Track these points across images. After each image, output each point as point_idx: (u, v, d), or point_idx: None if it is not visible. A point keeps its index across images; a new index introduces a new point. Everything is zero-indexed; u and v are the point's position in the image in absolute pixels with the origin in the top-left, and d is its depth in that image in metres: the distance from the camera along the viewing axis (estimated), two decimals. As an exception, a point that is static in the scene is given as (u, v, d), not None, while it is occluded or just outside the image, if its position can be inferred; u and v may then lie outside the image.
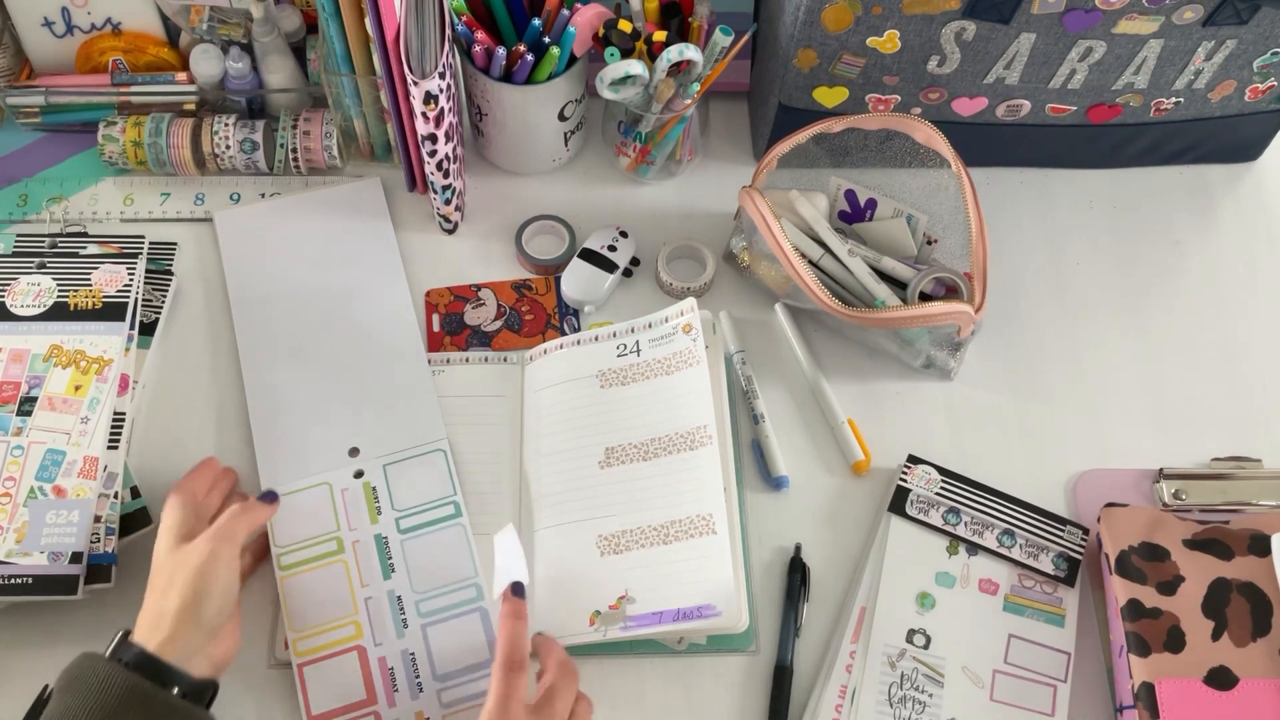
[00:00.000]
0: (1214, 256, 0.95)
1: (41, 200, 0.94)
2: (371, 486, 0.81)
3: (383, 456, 0.82)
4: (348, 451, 0.82)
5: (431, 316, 0.90)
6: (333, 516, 0.80)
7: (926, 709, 0.75)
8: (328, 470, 0.81)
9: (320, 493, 0.81)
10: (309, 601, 0.77)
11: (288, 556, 0.78)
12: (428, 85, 0.78)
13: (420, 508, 0.80)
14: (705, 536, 0.77)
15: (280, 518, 0.79)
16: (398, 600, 0.77)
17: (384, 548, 0.79)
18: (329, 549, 0.79)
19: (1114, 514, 0.78)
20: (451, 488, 0.81)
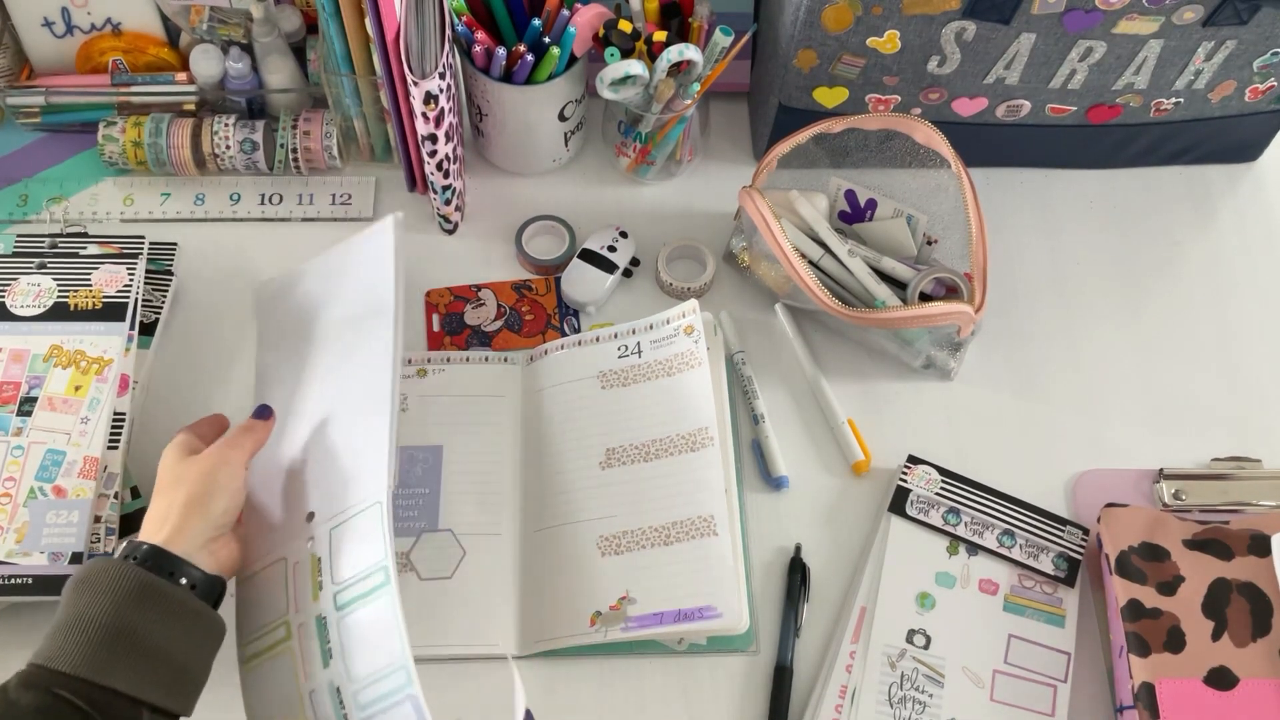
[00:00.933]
0: (1214, 257, 0.95)
1: (42, 200, 0.94)
2: (317, 558, 0.71)
3: (331, 519, 0.72)
4: (305, 516, 0.73)
5: (431, 316, 0.90)
6: (284, 596, 0.71)
7: (926, 709, 0.75)
8: (286, 541, 0.73)
9: (278, 570, 0.72)
10: (264, 699, 0.70)
11: (250, 646, 0.72)
12: (428, 85, 0.78)
13: (355, 578, 0.69)
14: (706, 538, 0.77)
15: (244, 603, 0.73)
16: (337, 693, 0.67)
17: (324, 630, 0.69)
18: (279, 636, 0.70)
19: (1114, 514, 0.78)
20: (383, 551, 0.68)
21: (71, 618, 0.61)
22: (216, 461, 0.70)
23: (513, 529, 0.81)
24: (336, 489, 0.73)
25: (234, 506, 0.70)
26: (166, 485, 0.69)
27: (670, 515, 0.78)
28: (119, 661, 0.60)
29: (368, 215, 0.94)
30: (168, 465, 0.71)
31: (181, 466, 0.70)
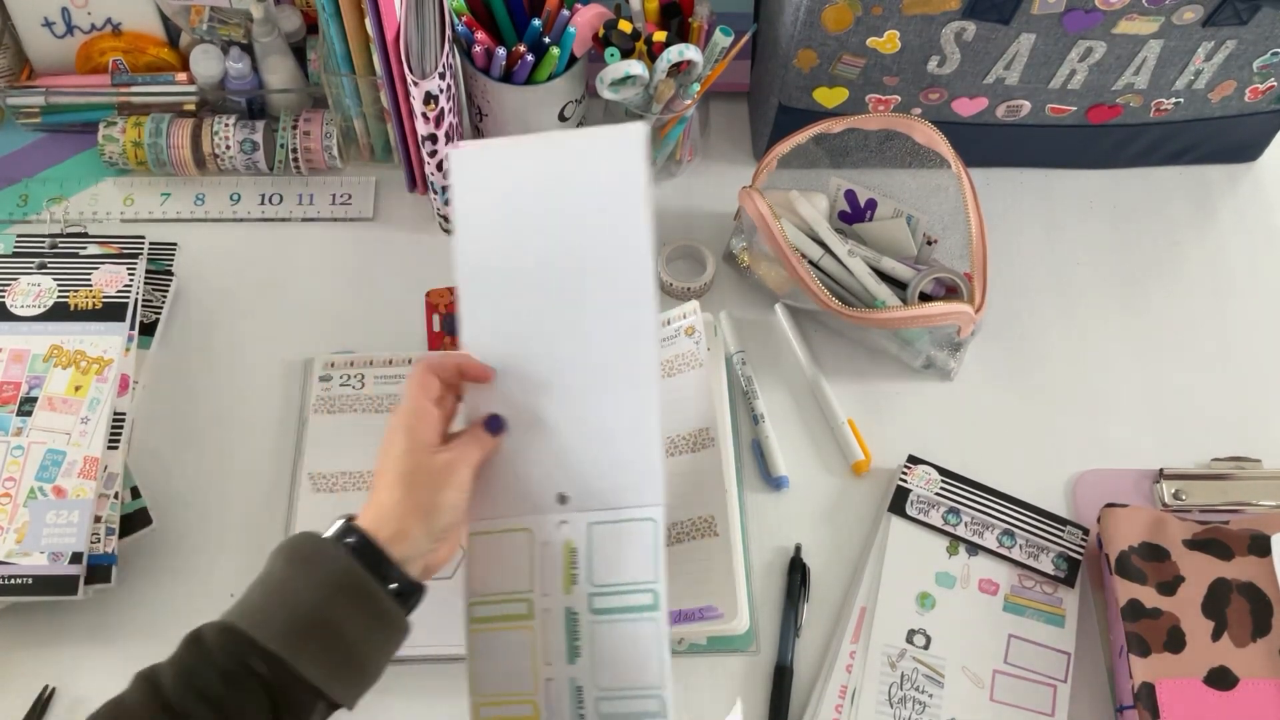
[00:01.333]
0: (1214, 257, 0.95)
1: (42, 200, 0.94)
2: (572, 547, 0.69)
3: (590, 513, 0.69)
4: (556, 497, 0.69)
5: (432, 316, 0.90)
6: (528, 573, 0.69)
7: (926, 709, 0.75)
8: (532, 513, 0.70)
9: (521, 540, 0.70)
10: (494, 666, 0.69)
11: (481, 608, 0.70)
12: (428, 85, 0.78)
13: (617, 588, 0.68)
14: (707, 538, 0.77)
15: (478, 559, 0.71)
16: (578, 691, 0.67)
17: (573, 626, 0.68)
18: (518, 611, 0.69)
19: (1114, 514, 0.78)
20: (654, 572, 0.67)
21: (281, 592, 0.60)
22: (445, 475, 0.65)
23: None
24: (598, 481, 0.69)
25: (456, 521, 0.66)
26: (393, 479, 0.65)
27: (671, 515, 0.78)
28: (316, 651, 0.59)
29: (368, 215, 0.94)
30: (396, 454, 0.65)
31: (411, 464, 0.65)
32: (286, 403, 0.86)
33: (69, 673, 0.76)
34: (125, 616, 0.78)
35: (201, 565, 0.80)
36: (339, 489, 0.82)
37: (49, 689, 0.75)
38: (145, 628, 0.78)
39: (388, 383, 0.85)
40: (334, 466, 0.82)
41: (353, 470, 0.82)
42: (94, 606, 0.77)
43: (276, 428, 0.85)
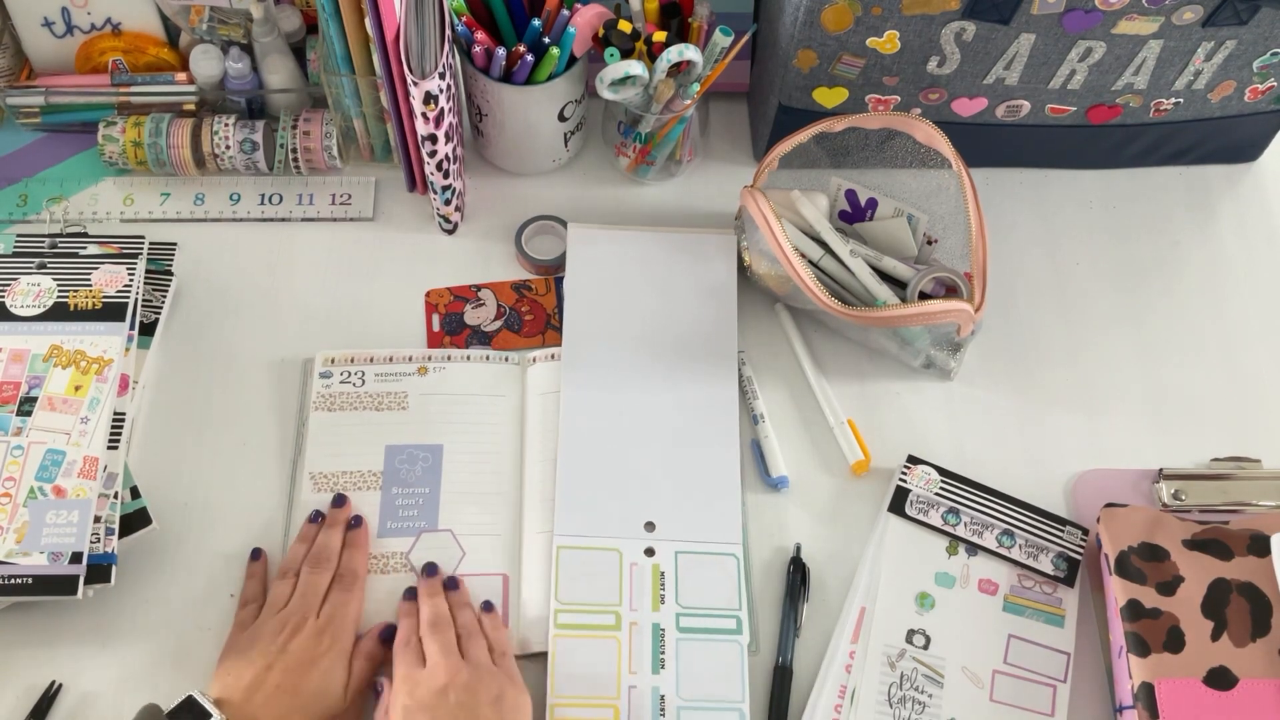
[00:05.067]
0: (1214, 256, 0.95)
1: (41, 200, 0.94)
2: (660, 570, 0.78)
3: (676, 542, 0.79)
4: (644, 525, 0.79)
5: (431, 316, 0.90)
6: (616, 588, 0.77)
7: (926, 709, 0.75)
8: (621, 537, 0.79)
9: (610, 559, 0.78)
10: (575, 671, 0.74)
11: (566, 615, 0.76)
12: (428, 85, 0.78)
13: (703, 610, 0.77)
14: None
15: (568, 570, 0.77)
16: (660, 699, 0.74)
17: (659, 639, 0.75)
18: (606, 622, 0.76)
19: (1114, 514, 0.78)
20: (738, 600, 0.77)
21: None
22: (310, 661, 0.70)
23: (513, 529, 0.81)
24: (684, 515, 0.79)
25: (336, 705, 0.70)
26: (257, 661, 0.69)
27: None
28: None
29: (368, 215, 0.94)
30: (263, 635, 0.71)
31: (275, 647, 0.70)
32: (286, 402, 0.86)
33: (69, 673, 0.76)
34: (125, 616, 0.78)
35: (201, 565, 0.80)
36: (339, 488, 0.82)
37: (56, 684, 0.75)
38: (145, 628, 0.78)
39: (388, 380, 0.85)
40: (334, 466, 0.82)
41: (353, 470, 0.82)
42: (94, 606, 0.77)
43: (276, 427, 0.85)
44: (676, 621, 0.76)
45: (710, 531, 0.79)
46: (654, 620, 0.76)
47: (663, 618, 0.76)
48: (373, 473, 0.82)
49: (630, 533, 0.79)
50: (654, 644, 0.75)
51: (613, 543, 0.78)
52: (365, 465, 0.82)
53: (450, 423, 0.84)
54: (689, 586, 0.77)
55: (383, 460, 0.83)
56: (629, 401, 0.83)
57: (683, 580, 0.77)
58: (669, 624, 0.76)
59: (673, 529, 0.79)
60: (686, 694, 0.74)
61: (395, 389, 0.85)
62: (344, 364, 0.86)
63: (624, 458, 0.81)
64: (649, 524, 0.79)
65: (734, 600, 0.77)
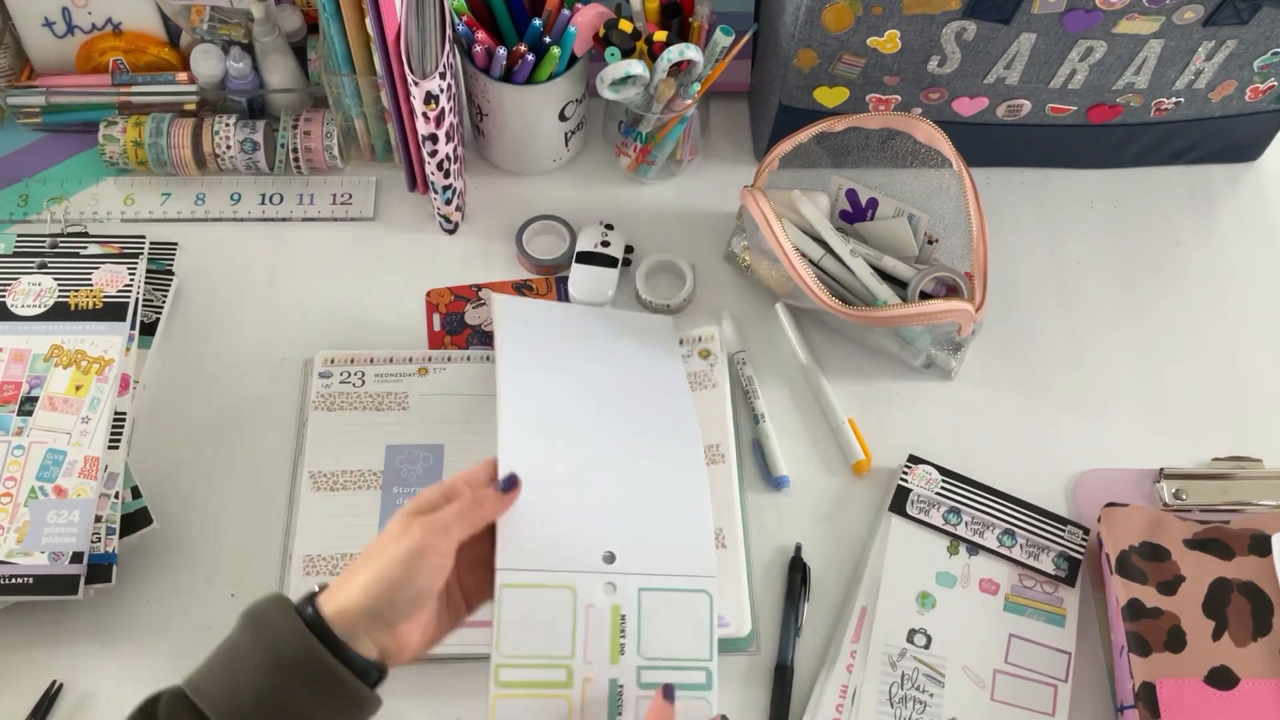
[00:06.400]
0: (1214, 256, 0.95)
1: (42, 200, 0.94)
2: (621, 613, 0.66)
3: (640, 576, 0.67)
4: (604, 555, 0.67)
5: (432, 316, 0.90)
6: (569, 638, 0.65)
7: (927, 709, 0.75)
8: (576, 571, 0.67)
9: (563, 599, 0.66)
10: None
11: (508, 672, 0.64)
12: (428, 85, 0.78)
13: (669, 663, 0.66)
14: (716, 549, 0.77)
15: (511, 614, 0.65)
16: None
17: (616, 699, 0.64)
18: (556, 678, 0.64)
19: (1114, 514, 0.78)
20: (708, 649, 0.66)
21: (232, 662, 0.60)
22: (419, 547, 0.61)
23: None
24: (649, 545, 0.68)
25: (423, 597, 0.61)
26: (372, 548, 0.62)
27: None
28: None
29: (368, 215, 0.94)
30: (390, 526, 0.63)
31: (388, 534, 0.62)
32: (287, 402, 0.86)
33: (69, 673, 0.76)
34: (126, 616, 0.78)
35: (202, 565, 0.80)
36: (339, 488, 0.81)
37: (56, 684, 0.75)
38: (146, 627, 0.78)
39: (388, 381, 0.85)
40: (334, 465, 0.82)
41: (353, 469, 0.82)
42: (94, 606, 0.77)
43: (277, 427, 0.85)
44: (638, 676, 0.65)
45: (678, 561, 0.69)
46: (611, 675, 0.65)
47: (622, 672, 0.65)
48: (373, 472, 0.82)
49: (587, 565, 0.67)
50: (610, 704, 0.64)
51: (567, 578, 0.66)
52: (365, 465, 0.82)
53: (451, 422, 0.84)
54: (654, 633, 0.66)
55: (383, 460, 0.83)
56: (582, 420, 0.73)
57: (646, 625, 0.66)
58: (629, 679, 0.65)
59: (636, 560, 0.68)
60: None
61: (395, 389, 0.85)
62: (344, 364, 0.86)
63: (582, 476, 0.70)
64: (609, 554, 0.68)
65: (704, 649, 0.66)
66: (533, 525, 0.67)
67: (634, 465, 0.71)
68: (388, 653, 0.61)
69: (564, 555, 0.67)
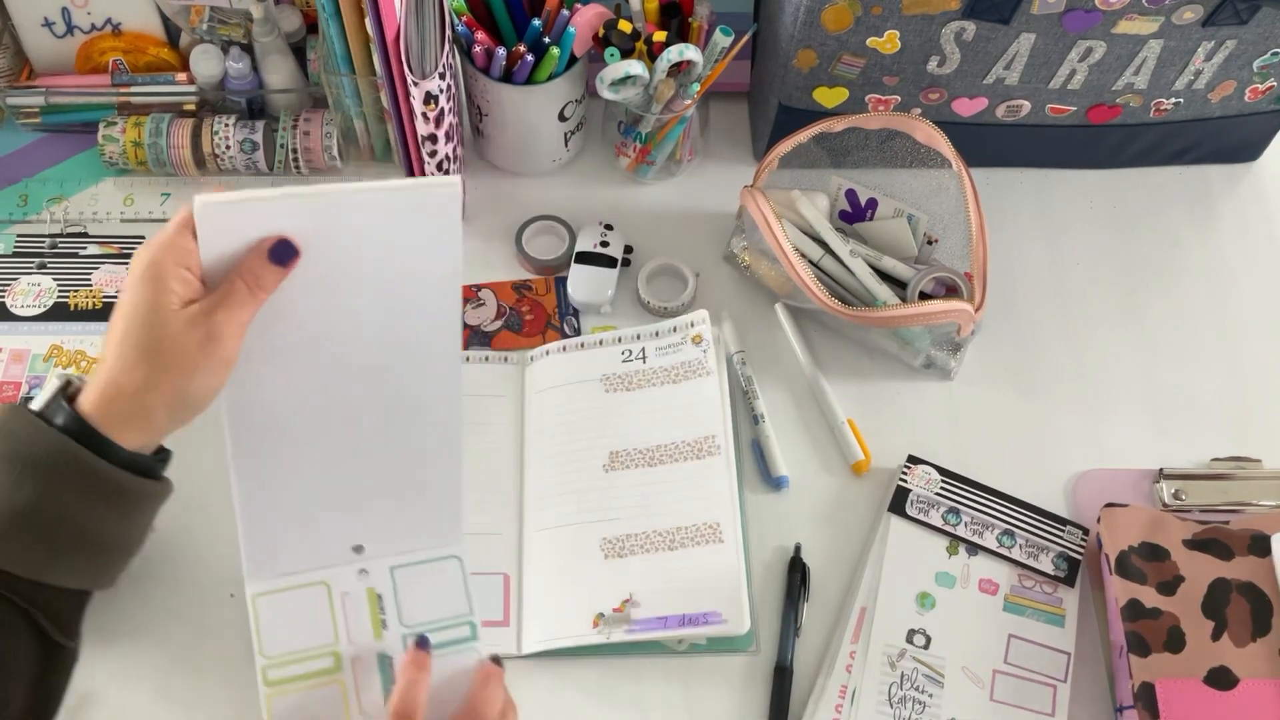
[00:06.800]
0: (1214, 256, 0.95)
1: (42, 200, 0.94)
2: (377, 594, 0.69)
3: (390, 557, 0.70)
4: (352, 548, 0.71)
5: (431, 317, 0.90)
6: (330, 626, 0.68)
7: (927, 709, 0.75)
8: (326, 566, 0.70)
9: (317, 594, 0.69)
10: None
11: (276, 671, 0.68)
12: (428, 85, 0.78)
13: (431, 625, 0.69)
14: (713, 544, 0.77)
15: (269, 620, 0.68)
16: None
17: (388, 670, 0.68)
18: (325, 666, 0.68)
19: (1114, 514, 0.78)
20: (466, 605, 0.70)
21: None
22: (204, 354, 0.56)
23: (513, 529, 0.81)
24: (395, 530, 0.70)
25: (217, 389, 0.57)
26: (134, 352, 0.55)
27: (676, 520, 0.78)
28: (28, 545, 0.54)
29: (368, 215, 0.94)
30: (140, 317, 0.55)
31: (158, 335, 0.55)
32: (287, 403, 0.86)
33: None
34: (125, 616, 0.78)
35: (202, 565, 0.80)
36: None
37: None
38: (145, 627, 0.78)
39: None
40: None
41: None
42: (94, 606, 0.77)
43: (277, 428, 0.85)
44: (404, 644, 0.68)
45: (426, 538, 0.71)
46: (379, 650, 0.67)
47: (388, 645, 0.68)
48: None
49: (337, 560, 0.69)
50: (383, 676, 0.67)
51: (319, 575, 0.68)
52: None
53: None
54: (411, 603, 0.69)
55: (382, 460, 0.83)
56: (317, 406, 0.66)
57: (403, 598, 0.69)
58: (396, 650, 0.68)
59: (384, 545, 0.70)
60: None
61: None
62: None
63: (319, 474, 0.68)
64: (357, 547, 0.70)
65: (462, 606, 0.70)
66: (277, 535, 0.68)
67: (376, 450, 0.67)
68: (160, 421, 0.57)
69: (313, 556, 0.69)
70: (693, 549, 0.77)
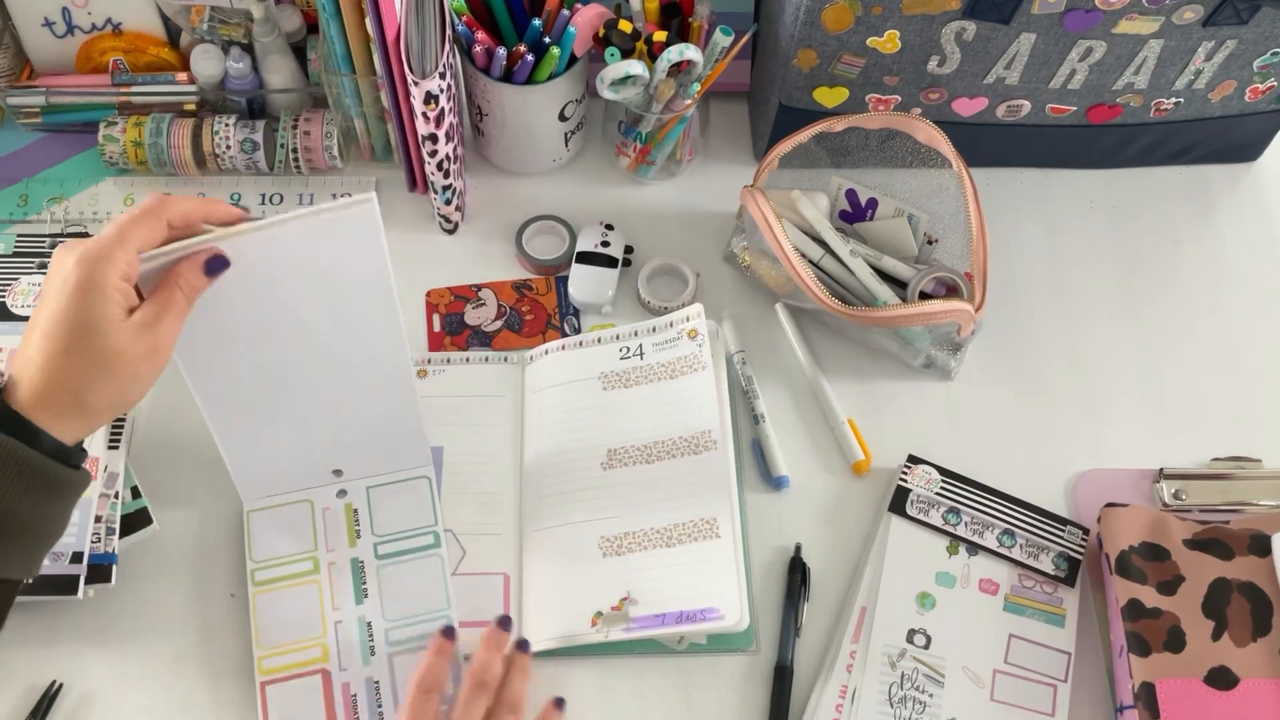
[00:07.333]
0: (1214, 256, 0.95)
1: (42, 200, 0.94)
2: (353, 508, 0.80)
3: (366, 479, 0.81)
4: (332, 472, 0.80)
5: (432, 316, 0.90)
6: (311, 535, 0.79)
7: (927, 709, 0.75)
8: (310, 488, 0.80)
9: (302, 510, 0.80)
10: (279, 620, 0.76)
11: (263, 572, 0.78)
12: (428, 85, 0.78)
13: (400, 534, 0.79)
14: (709, 540, 0.77)
15: (260, 530, 0.79)
16: (367, 627, 0.76)
17: (359, 572, 0.78)
18: (304, 569, 0.78)
19: (1114, 514, 0.78)
20: (433, 517, 0.80)
21: None
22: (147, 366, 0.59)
23: (513, 529, 0.81)
24: (369, 454, 0.79)
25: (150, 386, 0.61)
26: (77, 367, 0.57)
27: (673, 517, 0.78)
28: None
29: (368, 215, 0.94)
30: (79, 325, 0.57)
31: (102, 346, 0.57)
32: (287, 402, 0.86)
33: (69, 672, 0.76)
34: (125, 616, 0.78)
35: (201, 565, 0.80)
36: (338, 488, 0.83)
37: (56, 684, 0.75)
38: (145, 627, 0.78)
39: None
40: (333, 466, 0.83)
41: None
42: (94, 606, 0.77)
43: (277, 427, 0.85)
44: (375, 551, 0.79)
45: (398, 461, 0.80)
46: (352, 555, 0.78)
47: (360, 551, 0.79)
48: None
49: (319, 481, 0.80)
50: (355, 578, 0.78)
51: (303, 495, 0.80)
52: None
53: (450, 424, 0.84)
54: (383, 516, 0.80)
55: (382, 460, 0.84)
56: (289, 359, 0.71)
57: (376, 513, 0.80)
58: (368, 555, 0.78)
59: (361, 468, 0.80)
60: (392, 615, 0.77)
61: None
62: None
63: (296, 415, 0.76)
64: (337, 470, 0.80)
65: (429, 518, 0.80)
66: (259, 467, 0.78)
67: (340, 398, 0.75)
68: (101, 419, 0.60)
69: (297, 478, 0.80)
70: (690, 545, 0.77)
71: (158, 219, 0.60)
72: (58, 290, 0.58)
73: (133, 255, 0.59)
